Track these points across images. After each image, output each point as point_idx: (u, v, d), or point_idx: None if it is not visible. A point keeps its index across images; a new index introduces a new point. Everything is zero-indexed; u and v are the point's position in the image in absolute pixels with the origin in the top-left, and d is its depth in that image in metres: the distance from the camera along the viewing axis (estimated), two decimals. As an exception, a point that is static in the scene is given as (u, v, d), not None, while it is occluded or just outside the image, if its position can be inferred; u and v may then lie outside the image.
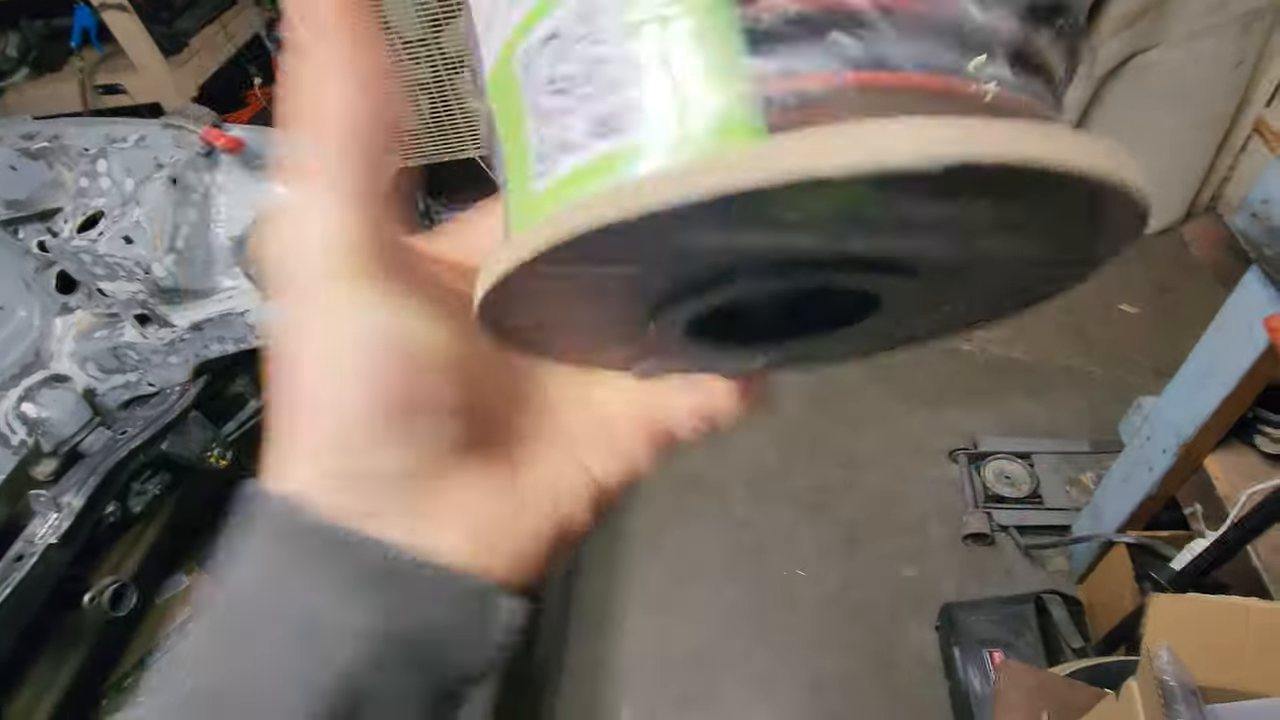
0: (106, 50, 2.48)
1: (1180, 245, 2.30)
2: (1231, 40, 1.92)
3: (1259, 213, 0.96)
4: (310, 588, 0.18)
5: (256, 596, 0.19)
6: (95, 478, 1.36)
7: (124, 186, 1.42)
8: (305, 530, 0.18)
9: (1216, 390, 1.13)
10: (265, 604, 0.19)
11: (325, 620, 0.18)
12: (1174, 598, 0.76)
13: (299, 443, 0.19)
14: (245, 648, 0.18)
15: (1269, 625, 0.66)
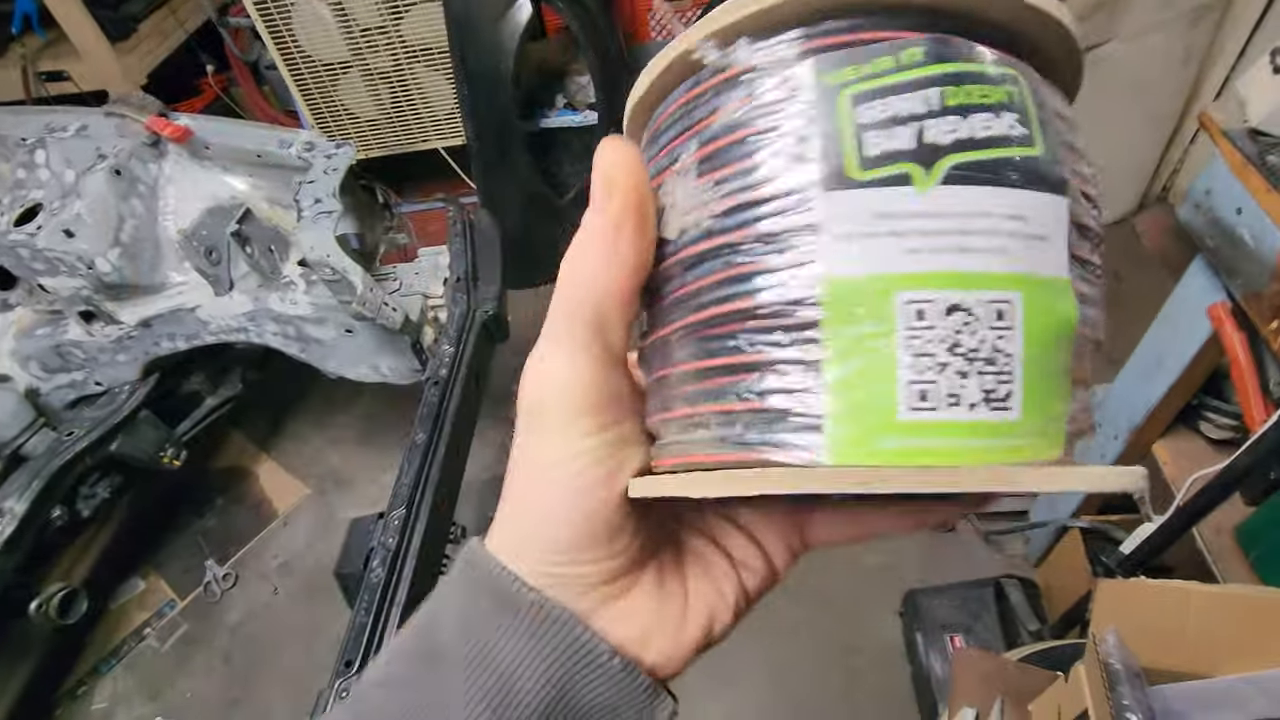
0: (49, 36, 2.38)
1: (1132, 235, 2.36)
2: (1180, 35, 1.97)
3: (1201, 204, 0.99)
4: (514, 652, 0.22)
5: (462, 650, 0.23)
6: (39, 481, 1.32)
7: (64, 178, 1.37)
8: (519, 601, 0.22)
9: (1164, 378, 1.16)
10: (464, 653, 0.22)
11: (519, 682, 0.22)
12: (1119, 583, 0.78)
13: (522, 532, 0.23)
14: (443, 686, 0.22)
15: (1208, 608, 0.68)
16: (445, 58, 2.21)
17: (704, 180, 0.20)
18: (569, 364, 0.22)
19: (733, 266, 0.20)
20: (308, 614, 1.76)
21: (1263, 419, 0.92)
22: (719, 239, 0.20)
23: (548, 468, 0.22)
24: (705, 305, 0.20)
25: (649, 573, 0.25)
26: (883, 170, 0.18)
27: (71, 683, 1.70)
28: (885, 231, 0.18)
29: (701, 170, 0.20)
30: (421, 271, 1.56)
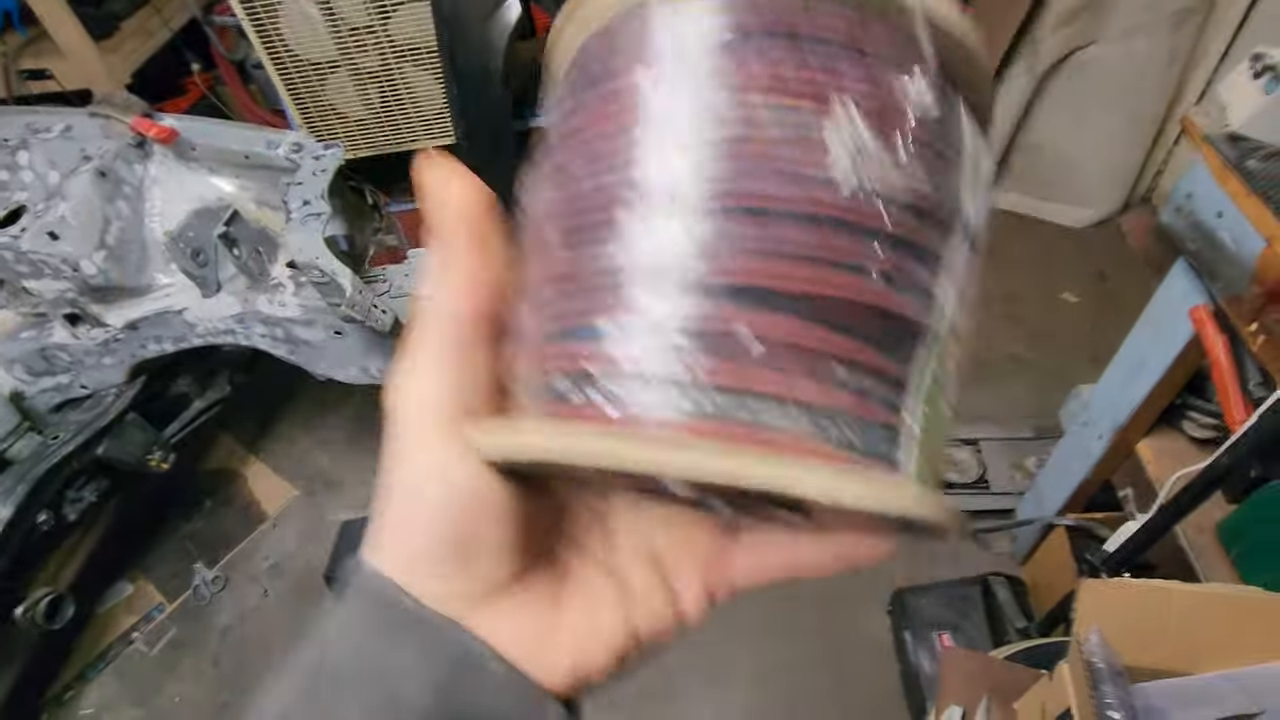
0: (31, 34, 2.35)
1: (1118, 236, 2.39)
2: (1164, 38, 1.99)
3: (1183, 207, 1.00)
4: (397, 661, 0.22)
5: (348, 659, 0.23)
6: (24, 485, 1.30)
7: (48, 179, 1.35)
8: (403, 613, 0.22)
9: (1147, 378, 1.17)
10: (355, 667, 0.22)
11: (405, 692, 0.22)
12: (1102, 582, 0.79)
13: (388, 541, 0.23)
14: (334, 706, 0.22)
15: (1188, 607, 0.69)
16: (434, 57, 2.20)
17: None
18: (426, 374, 0.23)
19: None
20: (298, 617, 1.76)
21: (1243, 419, 0.93)
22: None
23: (412, 480, 0.23)
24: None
25: (515, 593, 0.24)
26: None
27: (58, 688, 1.69)
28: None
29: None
30: (412, 273, 1.55)
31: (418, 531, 0.23)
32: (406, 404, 0.23)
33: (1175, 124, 2.22)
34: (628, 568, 0.26)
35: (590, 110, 0.21)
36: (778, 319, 0.18)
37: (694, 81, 0.19)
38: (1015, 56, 2.11)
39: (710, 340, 0.18)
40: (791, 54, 0.18)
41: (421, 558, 0.23)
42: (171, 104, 2.56)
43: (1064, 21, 2.02)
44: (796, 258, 0.18)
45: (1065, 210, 2.42)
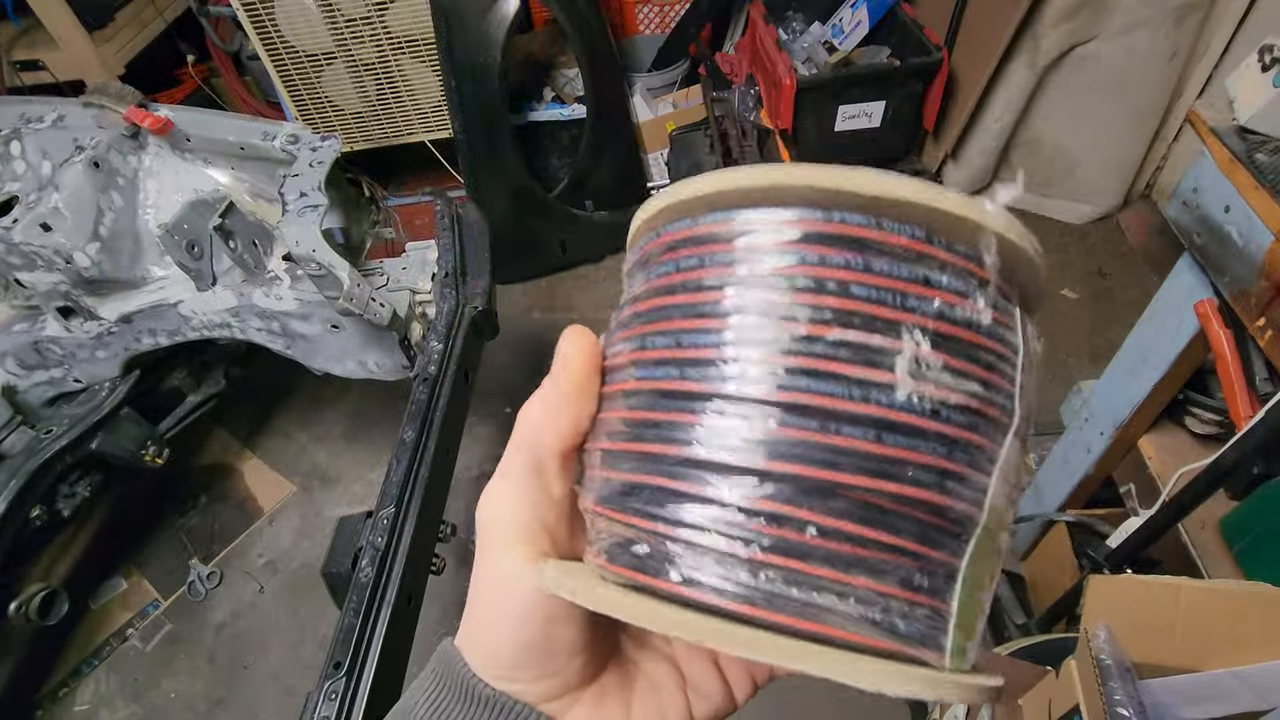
0: (24, 24, 2.32)
1: (1117, 232, 2.38)
2: (1166, 33, 1.98)
3: (1189, 201, 1.00)
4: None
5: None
6: (17, 480, 1.29)
7: (40, 170, 1.33)
8: (479, 694, 0.26)
9: (1150, 374, 1.17)
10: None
11: None
12: (1110, 578, 0.78)
13: (474, 637, 0.27)
14: None
15: (1197, 603, 0.69)
16: (431, 49, 2.18)
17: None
18: (510, 494, 0.26)
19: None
20: (293, 613, 1.75)
21: (1249, 415, 0.93)
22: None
23: (492, 586, 0.26)
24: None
25: (589, 693, 0.27)
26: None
27: (53, 684, 1.67)
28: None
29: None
30: (409, 266, 1.54)
31: (502, 632, 0.26)
32: (496, 516, 0.26)
33: (1176, 120, 2.21)
34: (687, 660, 0.30)
35: (679, 294, 0.23)
36: (837, 514, 0.20)
37: (771, 288, 0.21)
38: (1016, 51, 2.10)
39: (773, 527, 0.20)
40: (863, 273, 0.20)
41: (506, 656, 0.26)
42: (165, 95, 2.54)
43: (1065, 16, 2.01)
44: (856, 458, 0.20)
45: (1065, 206, 2.41)
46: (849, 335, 0.20)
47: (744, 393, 0.20)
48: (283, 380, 2.19)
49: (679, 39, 2.56)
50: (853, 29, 2.21)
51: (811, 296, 0.20)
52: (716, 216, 0.22)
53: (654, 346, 0.23)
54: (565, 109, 2.29)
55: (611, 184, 2.38)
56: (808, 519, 0.20)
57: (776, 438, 0.20)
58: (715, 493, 0.20)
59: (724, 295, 0.21)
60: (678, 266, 0.23)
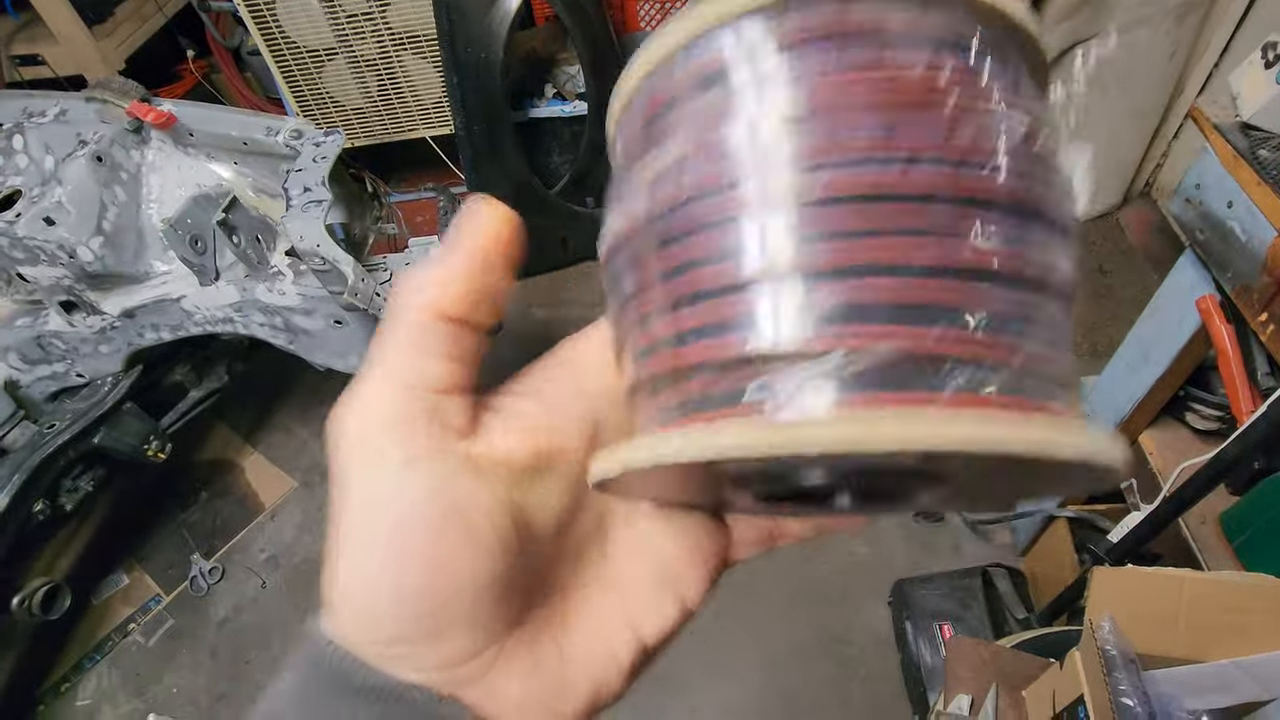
0: (23, 18, 2.32)
1: (1117, 229, 2.39)
2: (1166, 31, 1.99)
3: (1192, 198, 1.00)
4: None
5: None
6: (20, 475, 1.29)
7: (43, 164, 1.33)
8: (357, 689, 0.18)
9: (1151, 370, 1.17)
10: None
11: None
12: (1114, 570, 0.79)
13: (342, 602, 0.19)
14: None
15: (1200, 595, 0.69)
16: (433, 45, 2.18)
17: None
18: (378, 383, 0.19)
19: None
20: (295, 608, 1.75)
21: (1250, 410, 0.93)
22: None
23: (356, 517, 0.18)
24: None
25: (511, 644, 0.20)
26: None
27: (55, 679, 1.67)
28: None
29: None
30: (412, 262, 1.54)
31: (375, 580, 0.18)
32: (357, 415, 0.19)
33: (1176, 118, 2.22)
34: (629, 577, 0.23)
35: (682, 126, 0.20)
36: (907, 282, 0.17)
37: (779, 83, 0.18)
38: (1017, 49, 2.10)
39: (852, 315, 0.17)
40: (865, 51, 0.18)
41: (384, 612, 0.18)
42: (166, 91, 2.53)
43: (1066, 15, 2.01)
44: (909, 232, 0.17)
45: (1065, 204, 2.42)
46: (866, 96, 0.18)
47: (777, 193, 0.18)
48: (284, 376, 2.19)
49: (680, 36, 2.56)
50: (854, 26, 2.22)
51: (820, 83, 0.18)
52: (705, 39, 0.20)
53: (670, 186, 0.19)
54: (567, 105, 2.29)
55: (613, 180, 2.38)
56: (882, 296, 0.17)
57: (822, 226, 0.17)
58: (776, 302, 0.18)
59: (729, 108, 0.19)
60: (670, 100, 0.21)
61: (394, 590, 0.18)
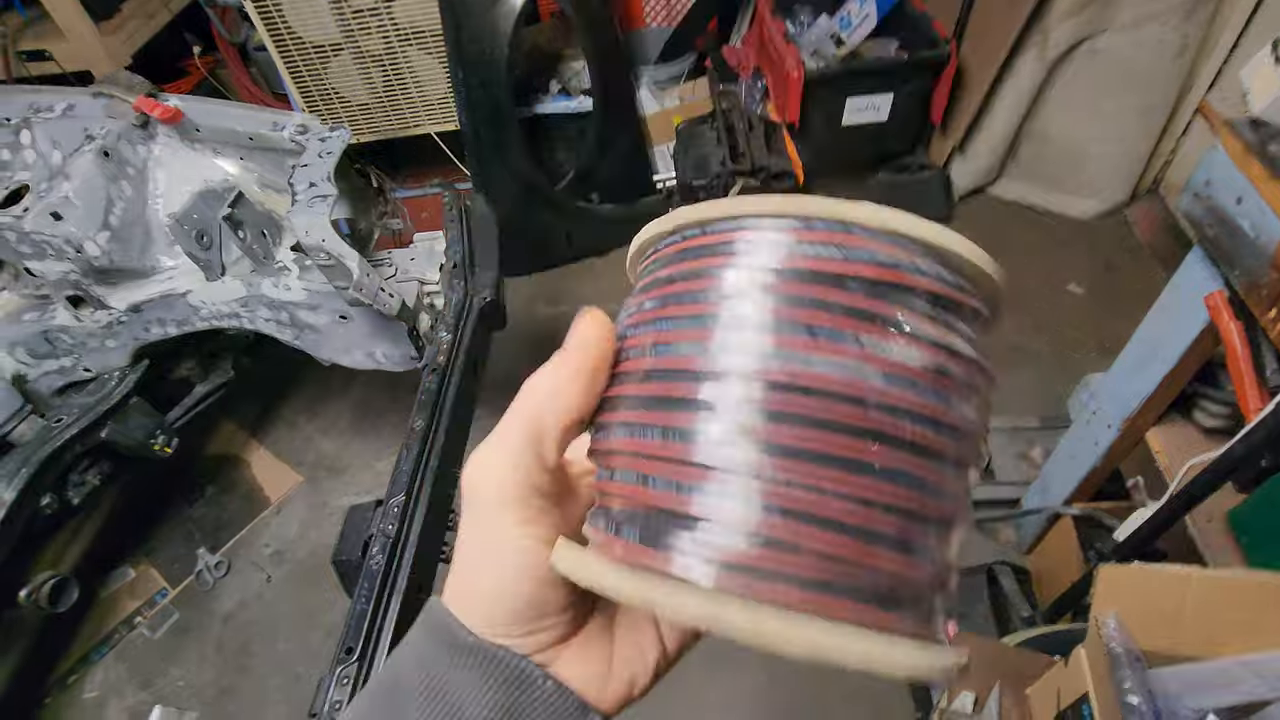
0: (30, 14, 2.33)
1: (1124, 226, 2.38)
2: (1175, 27, 1.97)
3: (1201, 193, 0.99)
4: (461, 683, 0.26)
5: (418, 684, 0.27)
6: (28, 469, 1.30)
7: (51, 159, 1.34)
8: (464, 642, 0.27)
9: (1159, 367, 1.17)
10: (422, 685, 0.27)
11: (467, 709, 0.26)
12: (1120, 567, 0.79)
13: (462, 597, 0.27)
14: (405, 715, 0.26)
15: (1206, 592, 0.69)
16: (438, 41, 2.18)
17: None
18: (506, 458, 0.26)
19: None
20: (300, 602, 1.75)
21: (1259, 407, 0.93)
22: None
23: (483, 548, 0.27)
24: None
25: (577, 641, 0.28)
26: None
27: (62, 671, 1.68)
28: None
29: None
30: (417, 257, 1.54)
31: (494, 593, 0.26)
32: (489, 478, 0.27)
33: (1184, 114, 2.21)
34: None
35: (683, 296, 0.25)
36: (822, 500, 0.22)
37: (763, 283, 0.23)
38: (1025, 44, 2.09)
39: (773, 514, 0.21)
40: (841, 262, 0.23)
41: (498, 614, 0.26)
42: (172, 87, 2.54)
43: (1074, 10, 2.00)
44: (843, 428, 0.22)
45: (1072, 201, 2.41)
46: (830, 321, 0.22)
47: (738, 369, 0.22)
48: (290, 371, 2.19)
49: (686, 32, 2.56)
50: (861, 21, 2.21)
51: (797, 287, 0.23)
52: (721, 226, 0.25)
53: (667, 329, 0.25)
54: (572, 101, 2.29)
55: (617, 177, 2.38)
56: (805, 501, 0.21)
57: (771, 415, 0.22)
58: (715, 480, 0.22)
59: (724, 284, 0.24)
60: (688, 263, 0.26)
61: (507, 608, 0.26)
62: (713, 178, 2.30)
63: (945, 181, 2.39)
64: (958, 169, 2.43)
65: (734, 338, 0.23)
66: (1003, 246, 2.35)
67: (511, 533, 0.26)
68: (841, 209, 0.23)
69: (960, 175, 2.44)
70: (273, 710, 1.60)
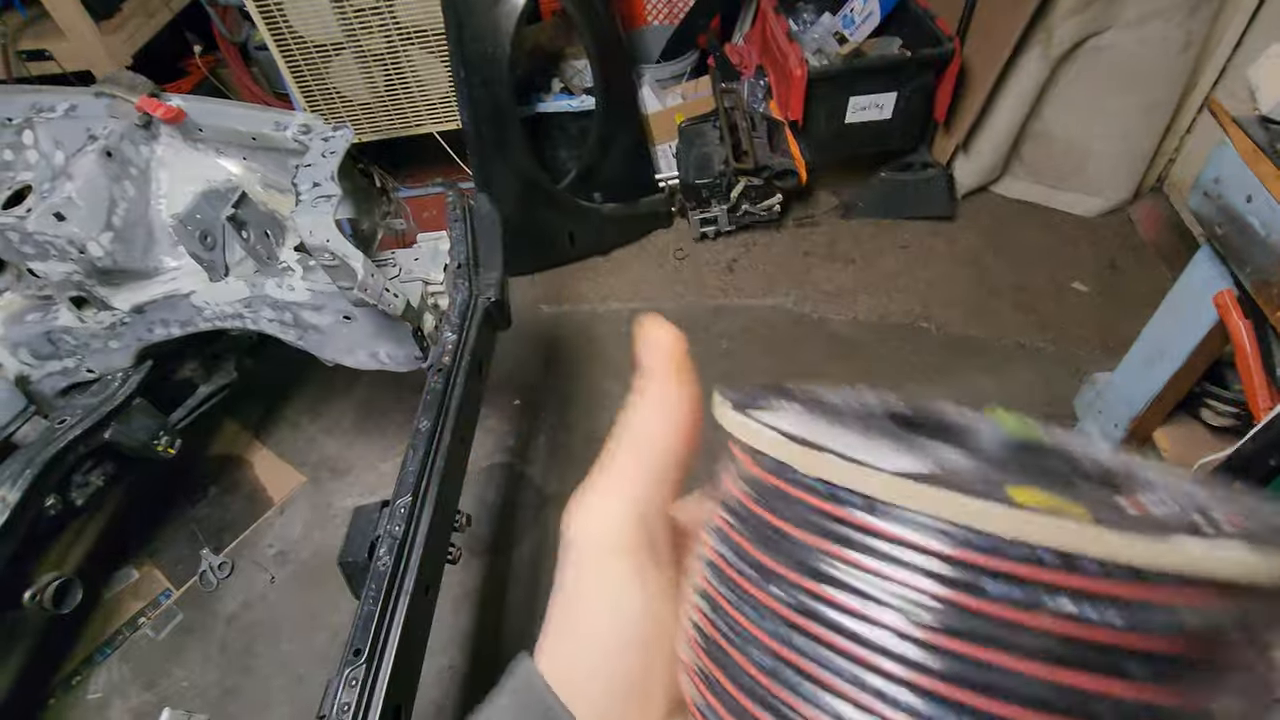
0: (31, 14, 2.32)
1: (1128, 225, 2.37)
2: (1179, 24, 1.97)
3: (1210, 191, 0.99)
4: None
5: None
6: (32, 470, 1.29)
7: (53, 159, 1.33)
8: (549, 713, 0.22)
9: (1166, 366, 1.16)
10: None
11: None
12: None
13: (566, 666, 0.23)
14: None
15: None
16: (440, 40, 2.17)
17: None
18: (616, 501, 0.23)
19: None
20: (305, 603, 1.75)
21: (1268, 406, 0.92)
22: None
23: (589, 606, 0.23)
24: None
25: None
26: None
27: (66, 672, 1.68)
28: None
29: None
30: (421, 257, 1.53)
31: (596, 659, 0.23)
32: (589, 525, 0.23)
33: (1188, 112, 2.20)
34: None
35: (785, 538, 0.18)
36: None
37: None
38: (1029, 42, 2.08)
39: None
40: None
41: (598, 687, 0.22)
42: (173, 86, 2.53)
43: (1079, 8, 1.99)
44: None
45: (1076, 199, 2.40)
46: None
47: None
48: (293, 371, 2.19)
49: (688, 30, 2.55)
50: (864, 19, 2.20)
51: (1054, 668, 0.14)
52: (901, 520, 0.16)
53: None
54: (574, 100, 2.28)
55: (620, 176, 2.37)
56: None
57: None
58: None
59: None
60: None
61: (608, 673, 0.22)
62: (715, 176, 2.30)
63: (949, 180, 2.39)
64: (961, 167, 2.43)
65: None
66: (1006, 245, 2.35)
67: (623, 589, 0.23)
68: (1139, 548, 0.13)
69: (964, 174, 2.43)
70: (276, 711, 1.59)
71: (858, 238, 2.43)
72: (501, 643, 1.64)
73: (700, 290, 2.33)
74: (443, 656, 1.62)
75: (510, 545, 1.80)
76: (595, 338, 2.23)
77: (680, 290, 2.34)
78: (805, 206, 2.54)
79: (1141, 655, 0.14)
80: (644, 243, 2.50)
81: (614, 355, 2.16)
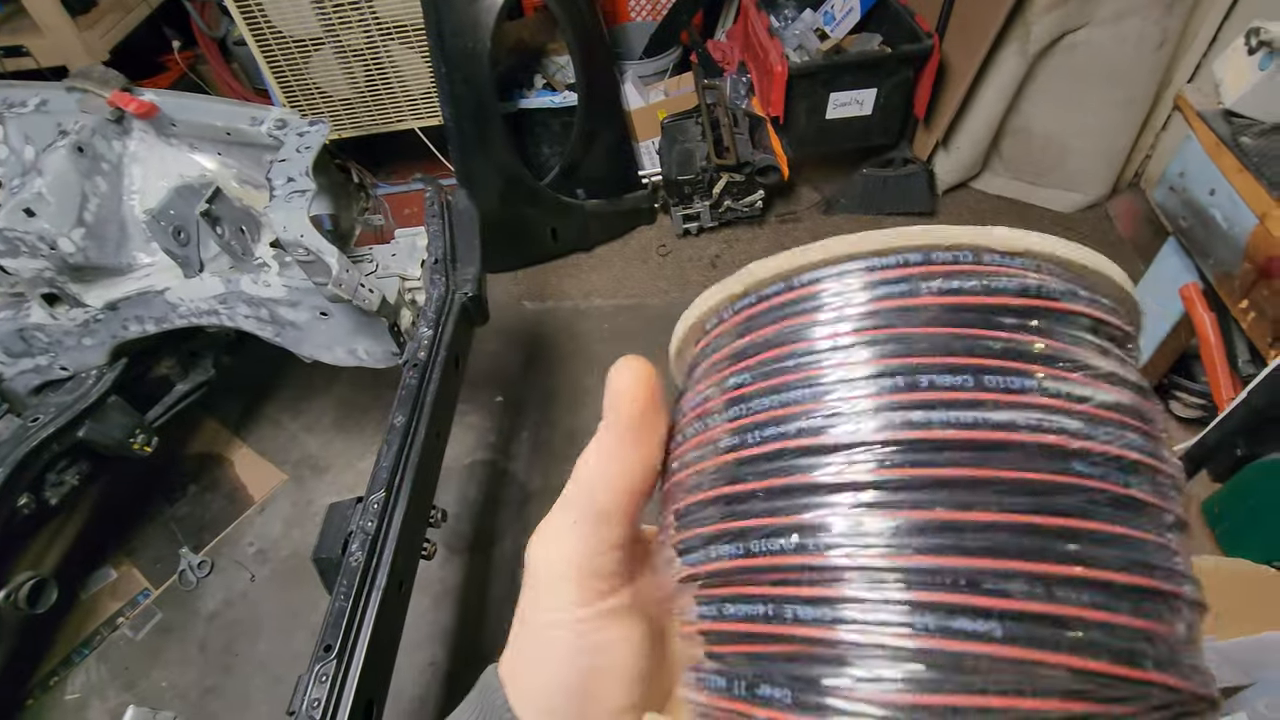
0: (7, 9, 2.29)
1: (1106, 221, 2.40)
2: (1155, 21, 1.99)
3: (1176, 185, 1.00)
4: None
5: None
6: (3, 469, 1.28)
7: (23, 155, 1.32)
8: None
9: (1136, 358, 1.18)
10: None
11: None
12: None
13: (516, 674, 0.26)
14: None
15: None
16: (421, 35, 2.16)
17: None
18: (566, 536, 0.25)
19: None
20: (285, 601, 1.74)
21: (1231, 396, 0.94)
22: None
23: (537, 626, 0.26)
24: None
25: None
26: None
27: (44, 673, 1.67)
28: None
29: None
30: (398, 253, 1.53)
31: (543, 673, 0.25)
32: (548, 556, 0.26)
33: (1165, 108, 2.22)
34: None
35: (784, 362, 0.21)
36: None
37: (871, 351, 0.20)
38: (1007, 38, 2.10)
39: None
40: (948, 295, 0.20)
41: (544, 699, 0.25)
42: (150, 82, 2.51)
43: (1056, 4, 2.01)
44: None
45: (1055, 195, 2.42)
46: (995, 363, 0.18)
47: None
48: (272, 368, 2.18)
49: (670, 26, 2.55)
50: (844, 16, 2.21)
51: (940, 330, 0.19)
52: (816, 276, 0.22)
53: (770, 405, 0.20)
54: (556, 96, 2.28)
55: (603, 172, 2.37)
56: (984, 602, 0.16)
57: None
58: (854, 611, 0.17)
59: (839, 339, 0.20)
60: (782, 323, 0.22)
61: (552, 687, 0.25)
62: (698, 172, 2.30)
63: (929, 176, 2.40)
64: (941, 163, 2.44)
65: (876, 400, 0.18)
66: (986, 240, 2.37)
67: (566, 615, 0.25)
68: (966, 235, 0.20)
69: (944, 169, 2.45)
70: (256, 710, 1.59)
71: (840, 233, 2.44)
72: (483, 639, 1.64)
73: (683, 286, 2.33)
74: (424, 652, 1.61)
75: (492, 542, 1.80)
76: (578, 334, 2.23)
77: (663, 286, 2.34)
78: (787, 202, 2.55)
79: (1002, 308, 0.19)
80: (627, 239, 2.50)
81: (597, 352, 2.16)
